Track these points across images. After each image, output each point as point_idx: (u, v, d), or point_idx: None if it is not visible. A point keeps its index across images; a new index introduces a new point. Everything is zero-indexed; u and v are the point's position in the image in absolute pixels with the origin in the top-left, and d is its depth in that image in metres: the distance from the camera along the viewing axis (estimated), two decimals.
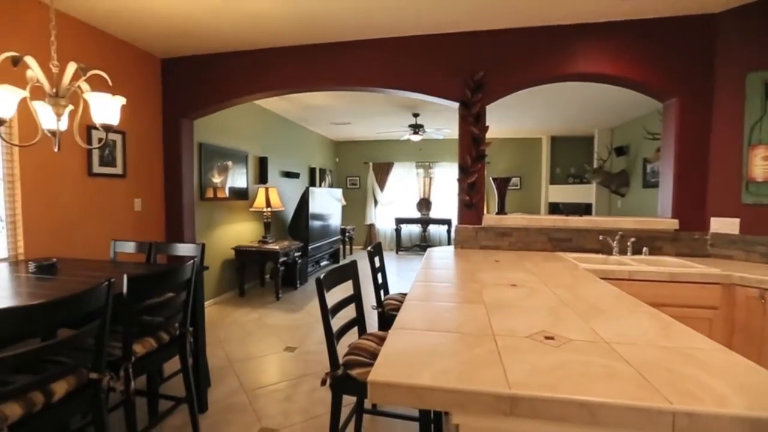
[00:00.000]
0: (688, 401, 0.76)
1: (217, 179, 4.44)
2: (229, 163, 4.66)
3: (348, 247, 8.00)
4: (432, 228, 8.45)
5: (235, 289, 4.85)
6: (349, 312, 1.69)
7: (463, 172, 2.96)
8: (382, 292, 2.30)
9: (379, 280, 2.30)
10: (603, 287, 1.72)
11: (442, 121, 6.31)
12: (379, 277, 2.29)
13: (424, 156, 8.45)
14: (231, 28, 2.95)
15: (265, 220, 5.02)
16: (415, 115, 5.92)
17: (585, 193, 7.18)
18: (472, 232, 2.94)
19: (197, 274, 2.07)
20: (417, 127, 6.03)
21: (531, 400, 0.79)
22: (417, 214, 8.50)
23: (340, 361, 1.44)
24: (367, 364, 1.39)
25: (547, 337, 1.10)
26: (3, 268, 2.14)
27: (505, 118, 6.11)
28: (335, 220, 6.78)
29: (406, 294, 2.16)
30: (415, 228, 8.53)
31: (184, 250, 2.45)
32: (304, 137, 7.03)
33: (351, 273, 1.73)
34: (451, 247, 3.06)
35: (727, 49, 2.55)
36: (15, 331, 1.15)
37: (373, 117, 6.22)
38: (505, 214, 3.05)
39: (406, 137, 6.37)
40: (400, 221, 8.21)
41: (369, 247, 2.29)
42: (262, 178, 5.40)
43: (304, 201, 5.51)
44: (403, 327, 1.20)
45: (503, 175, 4.46)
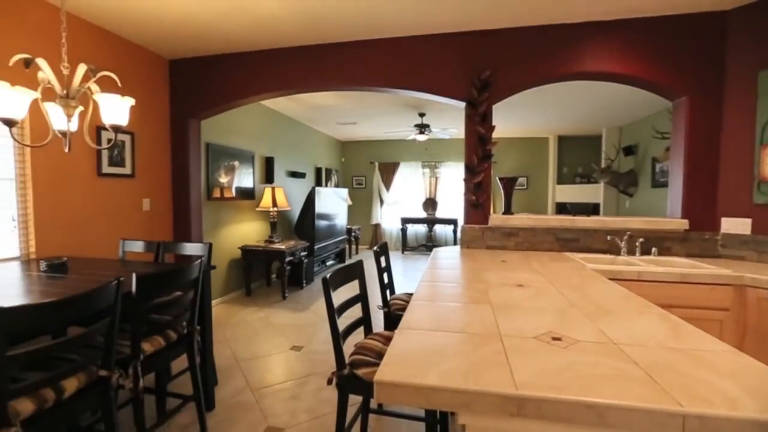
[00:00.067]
0: (698, 404, 0.75)
1: (224, 179, 4.47)
2: (235, 163, 4.69)
3: (354, 246, 8.01)
4: (438, 228, 8.43)
5: (242, 288, 4.88)
6: (355, 311, 1.69)
7: (470, 172, 2.95)
8: (388, 292, 2.30)
9: (385, 280, 2.30)
10: (611, 288, 1.71)
11: (448, 121, 6.30)
12: (385, 276, 2.29)
13: (430, 156, 8.44)
14: (238, 30, 2.96)
15: (272, 220, 5.04)
16: (421, 115, 5.91)
17: (592, 193, 7.12)
18: (478, 231, 2.93)
19: (204, 273, 2.09)
20: (423, 127, 6.01)
21: (538, 401, 0.79)
22: (423, 214, 8.49)
23: (347, 361, 1.45)
24: (373, 364, 1.39)
25: (554, 338, 1.09)
26: (15, 266, 2.18)
27: (512, 118, 6.08)
28: (341, 220, 6.80)
29: (412, 294, 2.16)
30: (421, 228, 8.52)
31: (191, 249, 2.47)
32: (310, 137, 7.05)
33: (357, 273, 1.73)
34: (457, 247, 3.05)
35: (738, 47, 2.51)
36: (27, 328, 1.17)
37: (379, 117, 6.22)
38: (512, 213, 3.03)
39: (412, 137, 6.36)
40: (405, 221, 8.21)
41: (375, 247, 2.29)
42: (269, 177, 5.43)
43: (310, 201, 5.53)
44: (410, 327, 1.20)
45: (510, 175, 4.44)
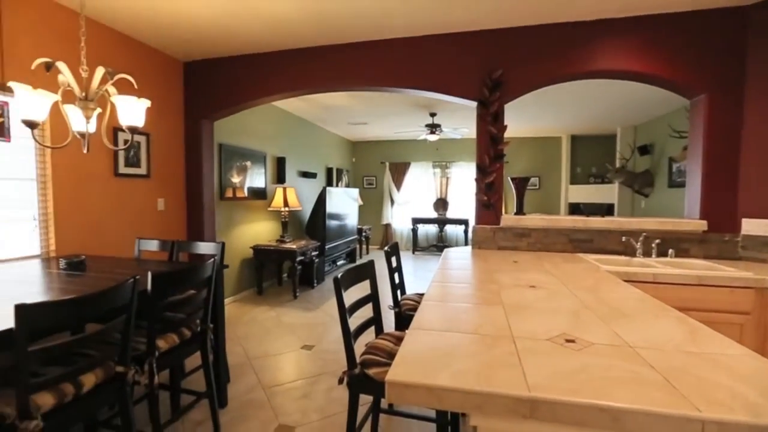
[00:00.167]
0: (718, 409, 0.73)
1: (236, 179, 4.53)
2: (248, 163, 4.74)
3: (364, 246, 8.03)
4: (449, 228, 8.39)
5: (254, 287, 4.93)
6: (365, 311, 1.70)
7: (481, 172, 2.93)
8: (398, 292, 2.30)
9: (396, 280, 2.30)
10: (626, 290, 1.68)
11: (459, 121, 6.26)
12: (396, 277, 2.29)
13: (441, 156, 8.40)
14: (251, 31, 3.00)
15: (283, 220, 5.08)
16: (432, 115, 5.89)
17: (607, 193, 7.00)
18: (489, 232, 2.91)
19: (217, 272, 2.11)
20: (434, 127, 5.99)
21: (551, 403, 0.78)
22: (434, 214, 8.46)
23: (357, 360, 1.45)
24: (384, 364, 1.39)
25: (567, 340, 1.08)
26: (36, 264, 2.25)
27: (524, 117, 6.02)
28: (352, 220, 6.82)
29: (422, 294, 2.16)
30: (432, 228, 8.49)
31: (204, 248, 2.51)
32: (321, 137, 7.09)
33: (368, 273, 1.73)
34: (469, 247, 3.03)
35: (759, 44, 2.44)
36: (48, 324, 1.20)
37: (390, 117, 6.22)
38: (524, 214, 3.00)
39: (423, 137, 6.34)
40: (416, 221, 8.19)
41: (386, 247, 2.29)
42: (280, 178, 5.48)
43: (321, 201, 5.55)
44: (421, 327, 1.20)
45: (522, 175, 4.39)
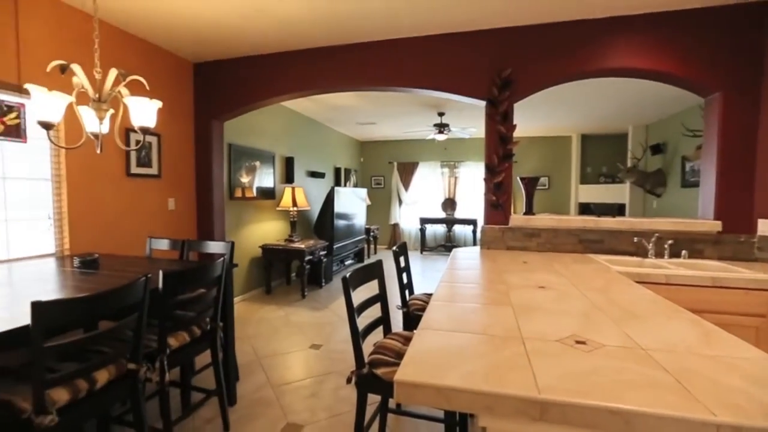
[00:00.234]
0: (733, 413, 0.72)
1: (245, 179, 4.56)
2: (256, 163, 4.78)
3: (372, 246, 8.03)
4: (457, 228, 8.36)
5: (262, 286, 4.97)
6: (373, 311, 1.70)
7: (490, 172, 2.91)
8: (407, 292, 2.30)
9: (404, 280, 2.30)
10: (638, 291, 1.65)
11: (467, 120, 6.23)
12: (404, 277, 2.29)
13: (450, 155, 8.37)
14: (261, 32, 3.02)
15: (291, 219, 5.11)
16: (441, 114, 5.88)
17: (618, 193, 6.90)
18: (498, 232, 2.89)
19: (227, 271, 2.13)
20: (442, 127, 5.97)
21: (562, 405, 0.77)
22: (442, 214, 8.43)
23: (366, 360, 1.45)
24: (392, 364, 1.39)
25: (578, 342, 1.07)
26: (51, 262, 2.29)
27: (534, 116, 5.96)
28: (360, 220, 6.83)
29: (431, 294, 2.15)
30: (440, 228, 8.47)
31: (214, 247, 2.53)
32: (329, 137, 7.12)
33: (376, 272, 1.74)
34: (477, 247, 3.02)
35: None
36: (63, 321, 1.23)
37: (398, 116, 6.21)
38: (533, 214, 2.97)
39: (431, 137, 6.33)
40: (424, 221, 8.17)
41: (394, 247, 2.29)
42: (289, 177, 5.51)
43: (330, 200, 5.57)
44: (430, 327, 1.20)
45: (531, 175, 4.36)
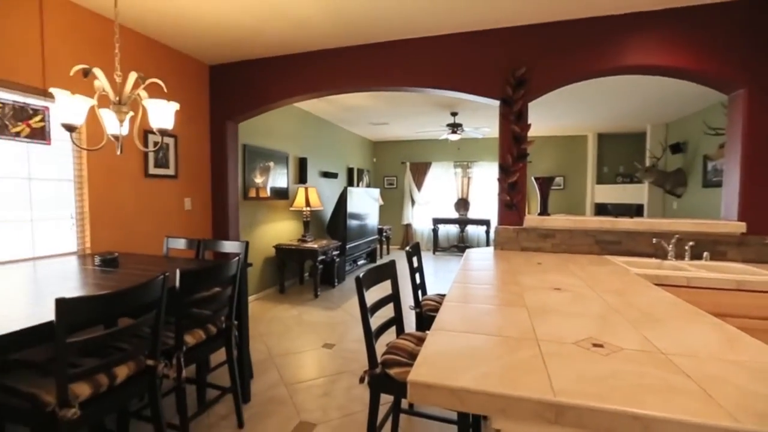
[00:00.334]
0: (758, 421, 0.69)
1: (259, 179, 4.62)
2: (270, 163, 4.83)
3: (385, 246, 8.04)
4: (470, 228, 8.29)
5: (276, 285, 5.02)
6: (386, 311, 1.70)
7: (504, 172, 2.88)
8: (419, 293, 2.29)
9: (417, 281, 2.29)
10: (657, 294, 1.61)
11: (481, 120, 6.18)
12: (417, 277, 2.29)
13: (463, 155, 8.32)
14: (275, 34, 3.05)
15: (305, 219, 5.15)
16: (454, 114, 5.84)
17: (636, 193, 6.75)
18: (512, 233, 2.86)
19: (242, 270, 2.16)
20: (455, 126, 5.94)
21: (578, 409, 0.76)
22: (455, 215, 8.38)
23: (379, 360, 1.45)
24: (405, 364, 1.39)
25: (595, 345, 1.05)
26: (73, 260, 2.36)
27: (549, 115, 5.88)
28: (372, 220, 6.84)
29: (444, 295, 2.14)
30: (453, 228, 8.42)
31: (229, 247, 2.57)
32: (342, 138, 7.15)
33: (389, 273, 1.74)
34: (490, 248, 2.99)
35: None
36: (85, 318, 1.27)
37: (411, 117, 6.20)
38: (548, 214, 2.93)
39: (444, 136, 6.29)
40: (437, 221, 8.13)
41: (407, 247, 2.29)
42: (302, 178, 5.56)
43: (343, 201, 5.60)
44: (443, 328, 1.19)
45: (546, 175, 4.30)
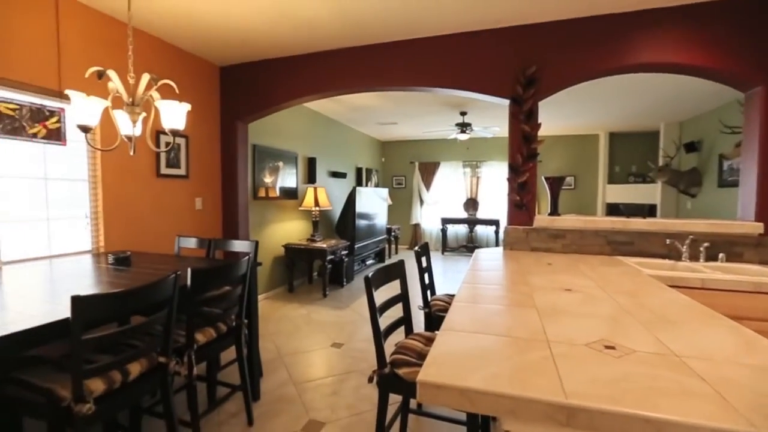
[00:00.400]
0: None
1: (268, 179, 4.65)
2: (280, 163, 4.86)
3: (393, 246, 8.03)
4: (479, 228, 8.25)
5: (285, 285, 5.05)
6: (395, 311, 1.70)
7: (514, 172, 2.85)
8: (428, 293, 2.28)
9: (426, 281, 2.29)
10: (671, 295, 1.58)
11: (490, 119, 6.14)
12: (426, 277, 2.28)
13: (472, 155, 8.27)
14: (284, 35, 3.07)
15: (314, 219, 5.18)
16: (463, 114, 5.81)
17: (648, 193, 6.64)
18: (522, 233, 2.84)
19: (252, 269, 2.18)
20: (464, 126, 5.91)
21: (590, 411, 0.75)
22: (464, 215, 8.34)
23: (387, 360, 1.45)
24: (413, 364, 1.39)
25: (607, 347, 1.03)
26: (87, 259, 2.41)
27: (559, 114, 5.82)
28: (381, 220, 6.84)
29: (452, 295, 2.14)
30: (462, 228, 8.38)
31: (239, 246, 2.59)
32: (351, 137, 7.16)
33: (398, 272, 1.73)
34: (500, 248, 2.97)
35: None
36: (100, 315, 1.29)
37: (419, 116, 6.19)
38: (558, 215, 2.90)
39: (453, 136, 6.27)
40: (446, 221, 8.10)
41: (416, 247, 2.29)
42: (311, 178, 5.58)
43: (351, 200, 5.61)
44: (452, 328, 1.19)
45: (556, 174, 4.25)
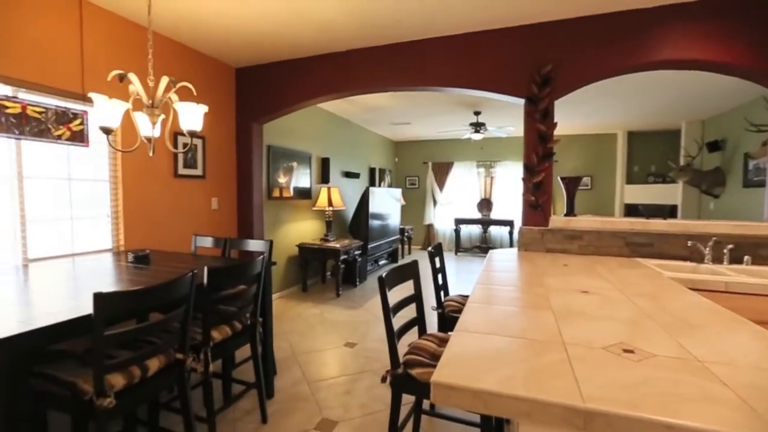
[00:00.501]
0: None
1: (282, 179, 4.70)
2: (294, 164, 4.91)
3: (407, 246, 8.02)
4: (493, 229, 8.17)
5: (299, 284, 5.10)
6: (408, 312, 1.70)
7: (529, 172, 2.82)
8: (442, 293, 2.27)
9: (440, 281, 2.28)
10: (693, 299, 1.54)
11: (504, 119, 6.08)
12: (439, 277, 2.27)
13: (486, 155, 8.20)
14: (300, 37, 3.10)
15: (327, 219, 5.21)
16: (477, 113, 5.77)
17: (669, 193, 6.46)
18: (537, 234, 2.80)
19: (266, 268, 2.21)
20: (478, 126, 5.86)
21: (608, 416, 0.73)
22: (477, 215, 8.27)
23: (401, 360, 1.45)
24: (427, 365, 1.38)
25: (625, 350, 1.01)
26: (108, 257, 2.47)
27: (576, 113, 5.71)
28: (394, 220, 6.84)
29: (466, 296, 2.12)
30: (475, 229, 8.31)
31: (254, 246, 2.63)
32: (364, 138, 7.18)
33: (412, 273, 1.73)
34: (514, 249, 2.93)
35: None
36: (120, 312, 1.33)
37: (433, 116, 6.17)
38: (575, 215, 2.85)
39: (467, 136, 6.22)
40: (459, 222, 8.05)
41: (430, 248, 2.28)
42: (325, 178, 5.62)
43: (364, 200, 5.62)
44: (466, 329, 1.18)
45: (572, 174, 4.18)
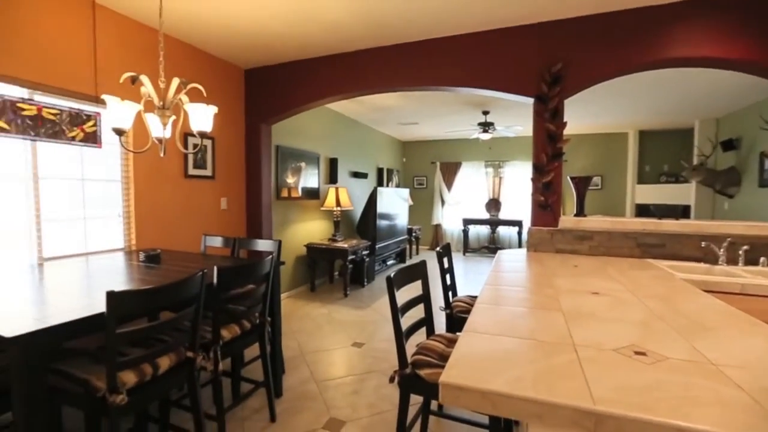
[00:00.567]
0: None
1: (291, 180, 4.73)
2: (302, 164, 4.93)
3: (414, 247, 8.01)
4: (501, 229, 8.11)
5: (307, 284, 5.12)
6: (416, 312, 1.69)
7: (538, 171, 2.79)
8: (450, 294, 2.27)
9: (448, 282, 2.27)
10: (707, 300, 1.51)
11: (513, 118, 6.03)
12: (447, 278, 2.27)
13: (494, 155, 8.15)
14: (309, 37, 3.11)
15: (335, 219, 5.22)
16: (485, 113, 5.74)
17: (681, 193, 6.35)
18: (546, 234, 2.77)
19: (275, 268, 2.22)
20: (487, 125, 5.83)
21: (619, 419, 0.72)
22: (485, 215, 8.23)
23: (409, 361, 1.45)
24: (435, 365, 1.38)
25: (637, 353, 1.00)
26: (120, 256, 2.51)
27: (586, 112, 5.65)
28: (402, 220, 6.83)
29: (474, 296, 2.11)
30: (484, 229, 8.26)
31: (263, 245, 2.65)
32: (372, 138, 7.19)
33: (420, 273, 1.73)
34: (523, 249, 2.91)
35: None
36: (132, 310, 1.35)
37: (441, 116, 6.15)
38: (585, 215, 2.82)
39: (475, 136, 6.19)
40: (467, 222, 8.02)
41: (438, 248, 2.27)
42: (333, 178, 5.64)
43: (372, 201, 5.63)
44: (475, 330, 1.17)
45: (582, 174, 4.13)
